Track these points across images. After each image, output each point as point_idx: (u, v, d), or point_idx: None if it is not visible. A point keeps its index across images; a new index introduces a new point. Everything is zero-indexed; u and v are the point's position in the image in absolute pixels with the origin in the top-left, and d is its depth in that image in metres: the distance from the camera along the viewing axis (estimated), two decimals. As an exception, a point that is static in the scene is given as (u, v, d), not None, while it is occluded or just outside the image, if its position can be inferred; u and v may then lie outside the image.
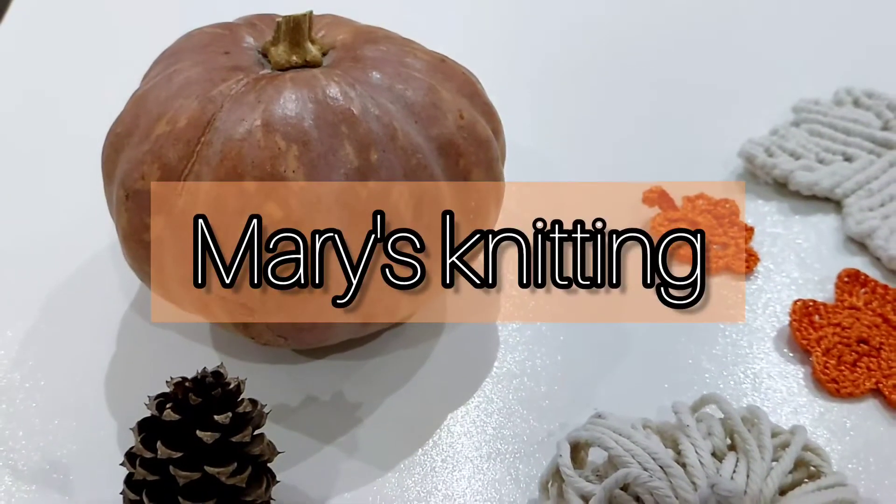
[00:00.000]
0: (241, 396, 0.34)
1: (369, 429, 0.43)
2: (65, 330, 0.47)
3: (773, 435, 0.37)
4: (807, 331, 0.46)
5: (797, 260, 0.52)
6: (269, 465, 0.36)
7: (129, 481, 0.34)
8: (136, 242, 0.38)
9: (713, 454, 0.36)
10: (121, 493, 0.35)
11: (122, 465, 0.34)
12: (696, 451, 0.35)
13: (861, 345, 0.46)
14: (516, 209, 0.54)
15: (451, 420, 0.43)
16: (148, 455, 0.33)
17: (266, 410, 0.36)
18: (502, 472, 0.41)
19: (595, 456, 0.39)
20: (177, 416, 0.33)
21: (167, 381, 0.34)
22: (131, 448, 0.34)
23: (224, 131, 0.37)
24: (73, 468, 0.40)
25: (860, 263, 0.51)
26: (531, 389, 0.44)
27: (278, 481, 0.38)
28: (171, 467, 0.32)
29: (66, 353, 0.46)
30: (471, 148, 0.40)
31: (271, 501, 0.37)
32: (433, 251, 0.39)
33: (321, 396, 0.44)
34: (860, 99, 0.61)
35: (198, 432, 0.32)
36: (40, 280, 0.50)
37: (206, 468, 0.33)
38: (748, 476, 0.34)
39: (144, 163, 0.37)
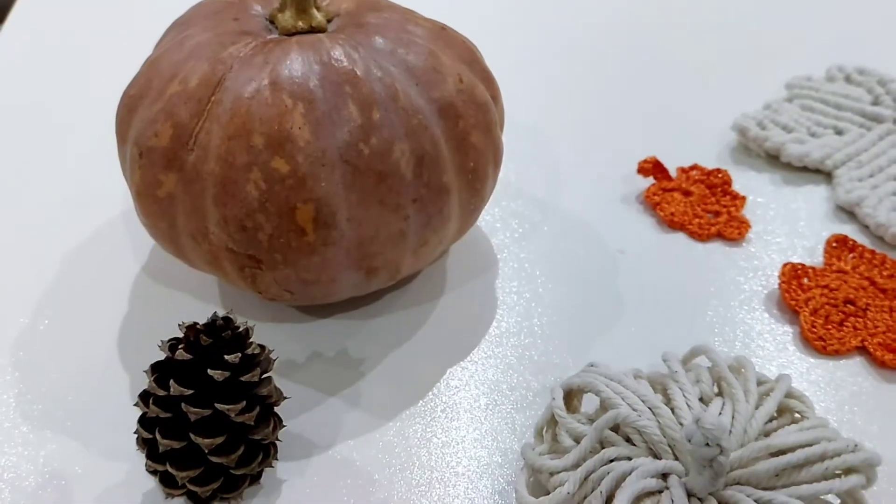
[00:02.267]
0: (250, 340, 0.36)
1: (372, 382, 0.44)
2: (80, 290, 0.49)
3: (759, 383, 0.39)
4: (795, 292, 0.48)
5: (788, 227, 0.53)
6: (275, 409, 0.38)
7: (143, 420, 0.36)
8: (150, 199, 0.40)
9: (700, 399, 0.38)
10: (134, 433, 0.37)
11: (135, 405, 0.36)
12: (684, 395, 0.37)
13: (848, 305, 0.47)
14: (514, 180, 0.56)
15: (451, 374, 0.45)
16: (161, 393, 0.35)
17: (273, 357, 0.38)
18: (499, 421, 0.42)
19: (588, 406, 0.40)
20: (188, 356, 0.34)
21: (179, 325, 0.35)
22: (145, 389, 0.36)
23: (233, 90, 0.38)
24: (88, 417, 0.42)
25: (849, 231, 0.52)
26: (528, 347, 0.46)
27: (284, 425, 0.39)
28: (182, 404, 0.34)
29: (80, 313, 0.48)
30: (470, 110, 0.42)
31: (278, 443, 0.39)
32: (433, 208, 0.41)
33: (326, 353, 0.46)
34: (852, 75, 0.62)
35: (208, 371, 0.34)
36: (57, 244, 0.51)
37: (217, 405, 0.34)
38: (733, 418, 0.36)
39: (157, 121, 0.39)
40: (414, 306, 0.48)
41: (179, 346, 0.35)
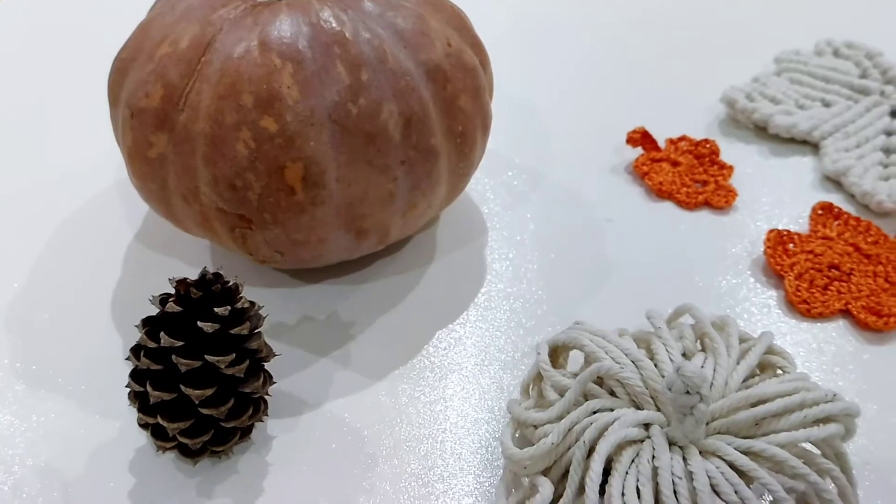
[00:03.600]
0: (240, 296, 0.36)
1: (362, 344, 0.45)
2: (74, 257, 0.50)
3: (742, 341, 0.39)
4: (781, 257, 0.49)
5: (774, 197, 0.54)
6: (266, 365, 0.39)
7: (134, 373, 0.36)
8: (141, 160, 0.41)
9: (683, 354, 0.38)
10: (126, 387, 0.37)
11: (127, 359, 0.37)
12: (667, 350, 0.37)
13: (832, 270, 0.48)
14: (505, 151, 0.57)
15: (440, 337, 0.45)
16: (152, 345, 0.35)
17: (263, 314, 0.38)
18: (487, 381, 0.43)
19: (574, 367, 0.41)
20: (179, 308, 0.35)
21: (170, 280, 0.36)
22: (136, 343, 0.36)
23: (223, 51, 0.39)
24: (81, 377, 0.43)
25: (835, 200, 0.53)
26: (517, 311, 0.47)
27: (275, 382, 0.40)
28: (173, 356, 0.35)
29: (74, 279, 0.48)
30: (458, 74, 0.42)
31: (268, 399, 0.40)
32: (421, 171, 0.42)
33: (317, 316, 0.46)
34: (840, 49, 0.63)
35: (198, 323, 0.35)
36: (52, 212, 0.52)
37: (207, 357, 0.35)
38: (715, 371, 0.36)
39: (148, 82, 0.40)
40: (404, 272, 0.49)
41: (170, 300, 0.35)
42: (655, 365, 0.37)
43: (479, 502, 0.38)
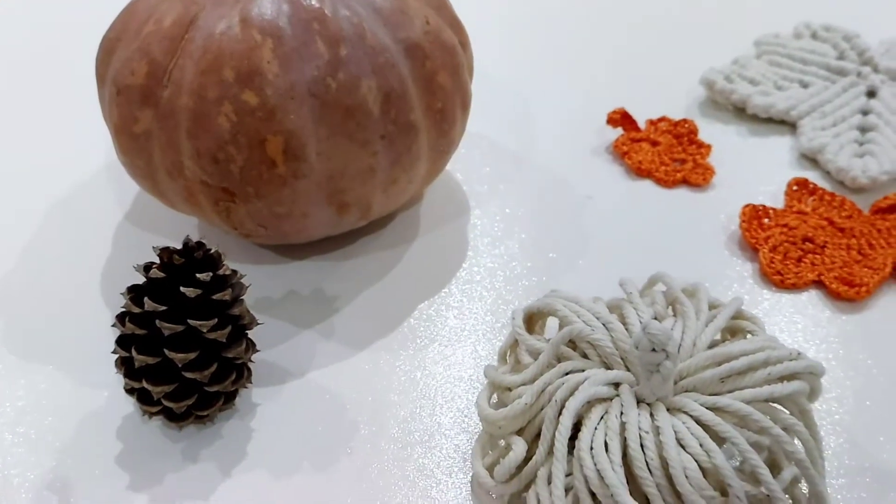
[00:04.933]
0: (223, 263, 0.38)
1: (345, 317, 0.46)
2: (64, 236, 0.51)
3: (712, 307, 0.40)
4: (756, 231, 0.50)
5: (752, 174, 0.55)
6: (249, 333, 0.40)
7: (120, 339, 0.38)
8: (127, 136, 0.42)
9: (654, 319, 0.39)
10: (112, 353, 0.38)
11: (112, 326, 0.38)
12: (638, 314, 0.38)
13: (806, 243, 0.49)
14: (487, 132, 0.58)
15: (422, 309, 0.46)
16: (136, 310, 0.36)
17: (248, 285, 0.39)
18: (467, 350, 0.44)
19: (551, 334, 0.42)
20: (162, 274, 0.36)
21: (154, 248, 0.37)
22: (122, 310, 0.37)
23: (205, 28, 0.40)
24: (70, 350, 0.44)
25: (812, 177, 0.54)
26: (497, 287, 0.48)
27: (258, 350, 0.41)
28: (157, 321, 0.36)
29: (64, 257, 0.49)
30: (437, 52, 0.44)
31: (252, 366, 0.41)
32: (401, 146, 0.43)
33: (301, 291, 0.47)
34: (818, 32, 0.64)
35: (181, 288, 0.36)
36: (42, 193, 0.53)
37: (189, 321, 0.36)
38: (683, 333, 0.37)
39: (133, 59, 0.41)
40: (388, 249, 0.50)
41: (154, 267, 0.36)
42: (626, 327, 0.38)
43: (456, 464, 0.39)
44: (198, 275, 0.36)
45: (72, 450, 0.40)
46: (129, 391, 0.38)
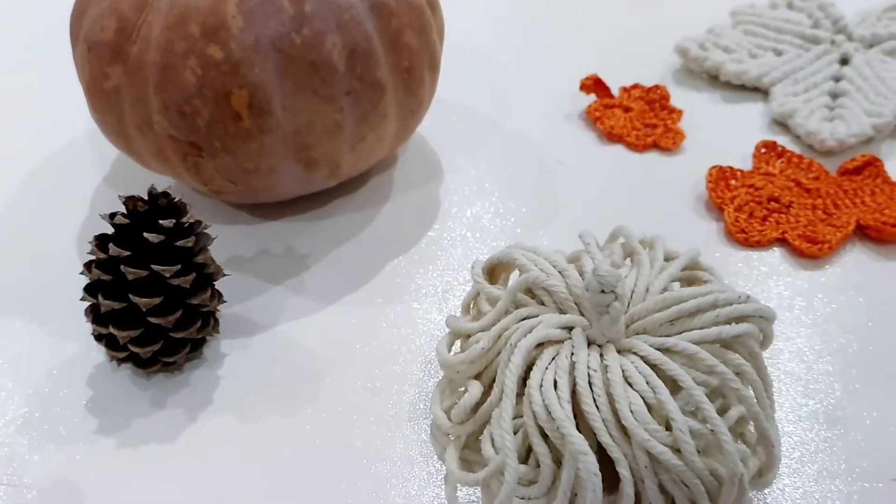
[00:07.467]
0: (187, 212, 0.38)
1: (315, 274, 0.47)
2: (43, 198, 0.52)
3: (669, 258, 0.41)
4: (722, 191, 0.50)
5: (722, 139, 0.55)
6: (216, 283, 0.41)
7: (88, 287, 0.38)
8: (98, 93, 0.43)
9: (612, 268, 0.40)
10: (81, 300, 0.39)
11: (81, 273, 0.39)
12: (594, 263, 0.39)
13: (772, 203, 0.50)
14: (462, 97, 0.59)
15: (392, 269, 0.47)
16: (102, 256, 0.37)
17: (213, 235, 0.40)
18: (432, 305, 0.45)
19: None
20: (126, 221, 0.37)
21: (119, 197, 0.38)
22: (89, 258, 0.38)
23: (173, -15, 0.41)
24: (42, 305, 0.45)
25: (782, 142, 0.55)
26: (469, 248, 0.48)
27: (225, 301, 0.42)
28: (121, 266, 0.37)
29: (41, 217, 0.50)
30: (403, 10, 0.44)
31: (220, 317, 0.41)
32: (367, 103, 0.44)
33: (273, 249, 0.48)
34: (793, 2, 0.64)
35: (144, 234, 0.37)
36: (22, 160, 0.54)
37: (153, 266, 0.37)
38: (637, 279, 0.38)
39: (104, 17, 0.42)
40: (361, 210, 0.51)
41: (119, 214, 0.37)
42: (581, 275, 0.39)
43: (417, 409, 0.40)
44: (161, 221, 0.37)
45: (42, 397, 0.41)
46: (98, 337, 0.39)
